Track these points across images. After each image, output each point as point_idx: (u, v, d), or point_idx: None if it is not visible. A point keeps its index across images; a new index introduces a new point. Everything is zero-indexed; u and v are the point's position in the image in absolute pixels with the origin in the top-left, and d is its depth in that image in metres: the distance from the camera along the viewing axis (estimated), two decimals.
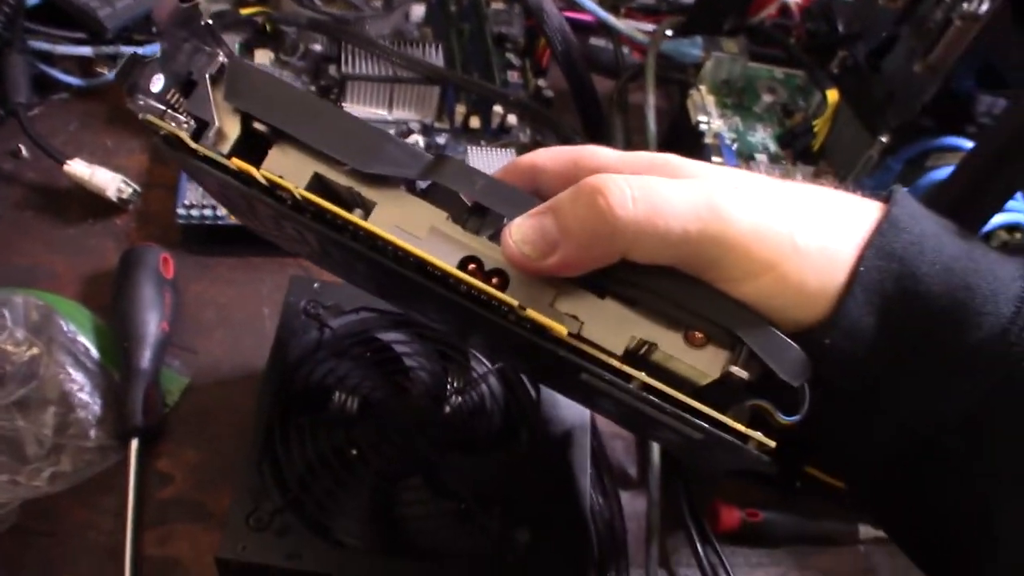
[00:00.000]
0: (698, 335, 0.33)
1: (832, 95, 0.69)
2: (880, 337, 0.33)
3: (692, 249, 0.32)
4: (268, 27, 0.76)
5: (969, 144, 0.63)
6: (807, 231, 0.33)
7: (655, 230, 0.32)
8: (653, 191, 0.32)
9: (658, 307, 0.33)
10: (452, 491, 0.52)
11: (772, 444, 0.32)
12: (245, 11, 0.75)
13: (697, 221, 0.32)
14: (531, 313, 0.32)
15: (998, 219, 0.59)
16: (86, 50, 0.75)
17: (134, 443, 0.57)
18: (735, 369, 0.32)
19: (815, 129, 0.70)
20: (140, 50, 0.75)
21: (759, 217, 0.33)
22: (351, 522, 0.49)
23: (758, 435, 0.32)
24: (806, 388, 0.33)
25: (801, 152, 0.72)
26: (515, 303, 0.32)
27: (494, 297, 0.32)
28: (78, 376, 0.58)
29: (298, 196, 0.33)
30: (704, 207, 0.32)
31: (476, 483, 0.52)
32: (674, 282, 0.33)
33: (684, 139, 0.75)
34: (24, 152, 0.71)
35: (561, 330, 0.32)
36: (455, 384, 0.55)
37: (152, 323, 0.60)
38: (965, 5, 0.56)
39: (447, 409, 0.54)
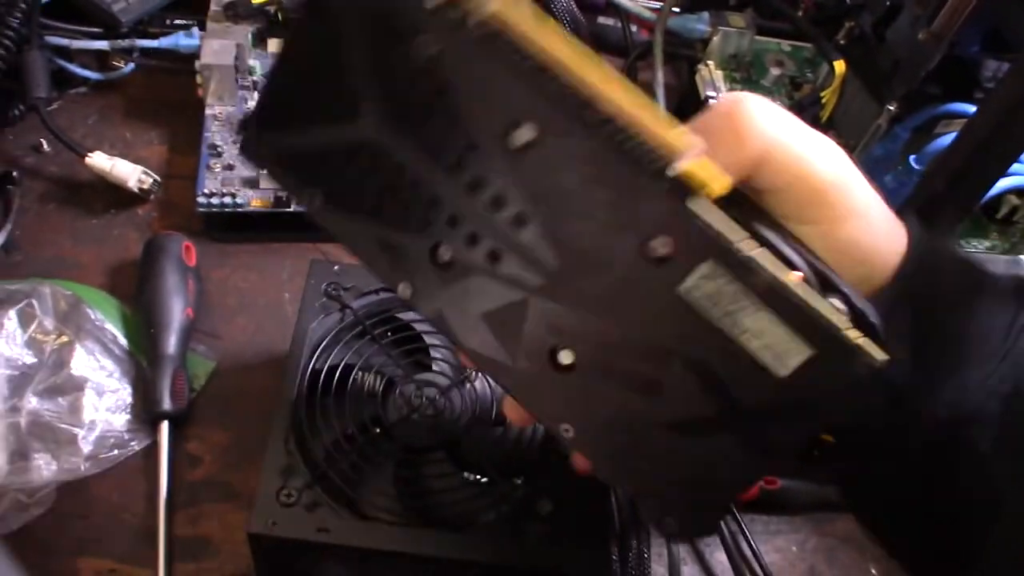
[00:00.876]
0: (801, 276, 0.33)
1: (839, 66, 0.70)
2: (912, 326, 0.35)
3: (815, 180, 0.33)
4: (281, 16, 0.77)
5: (971, 108, 0.63)
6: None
7: (790, 148, 0.33)
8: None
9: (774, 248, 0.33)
10: (475, 464, 0.53)
11: (885, 356, 0.31)
12: (257, 1, 0.76)
13: (821, 150, 0.34)
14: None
15: (1005, 183, 0.59)
16: (102, 44, 0.76)
17: (164, 427, 0.58)
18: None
19: (823, 100, 0.70)
20: (154, 43, 0.76)
21: (852, 168, 0.35)
22: (377, 496, 0.51)
23: (871, 345, 0.31)
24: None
25: (810, 123, 0.72)
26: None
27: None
28: (107, 363, 0.59)
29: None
30: (824, 141, 0.34)
31: (498, 456, 0.53)
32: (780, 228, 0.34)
33: (694, 115, 0.76)
34: (46, 146, 0.73)
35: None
36: None
37: (177, 310, 0.61)
38: None
39: (468, 384, 0.55)
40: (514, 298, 0.34)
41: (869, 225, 0.34)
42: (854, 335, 0.30)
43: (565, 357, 0.34)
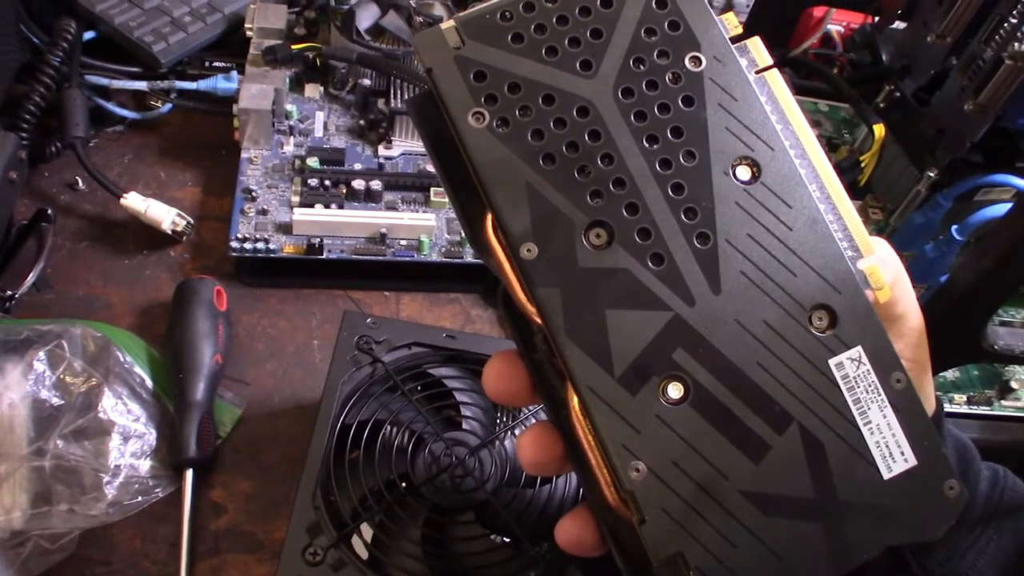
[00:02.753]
0: None
1: (879, 130, 0.69)
2: None
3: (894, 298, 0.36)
4: (319, 62, 0.78)
5: (1019, 181, 0.62)
6: None
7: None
8: None
9: None
10: (503, 526, 0.52)
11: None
12: (296, 46, 0.76)
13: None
14: None
15: None
16: (141, 84, 0.76)
17: (188, 474, 0.58)
18: None
19: (863, 163, 0.70)
20: (192, 85, 0.76)
21: None
22: (404, 557, 0.50)
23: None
24: None
25: (848, 186, 0.72)
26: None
27: None
28: (134, 407, 0.59)
29: None
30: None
31: (527, 518, 0.52)
32: None
33: None
34: (80, 184, 0.73)
35: None
36: (505, 419, 0.56)
37: (206, 355, 0.61)
38: (1016, 45, 0.56)
39: (497, 444, 0.54)
40: (655, 308, 0.33)
41: (914, 373, 0.35)
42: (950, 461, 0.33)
43: (675, 390, 0.32)
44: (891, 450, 0.32)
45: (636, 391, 0.32)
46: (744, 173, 0.33)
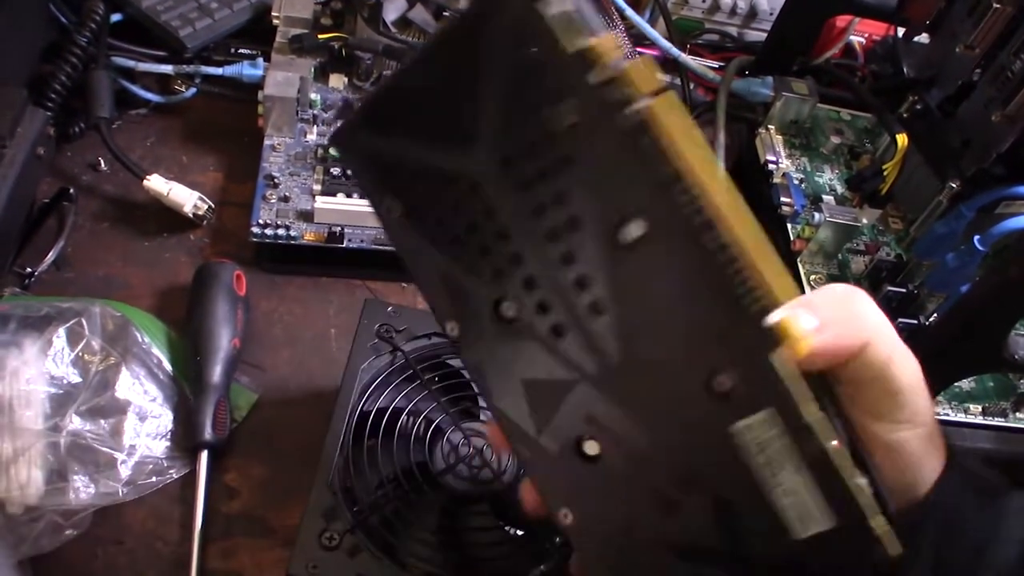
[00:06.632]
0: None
1: (902, 139, 0.69)
2: None
3: (898, 381, 0.34)
4: (344, 52, 0.78)
5: None
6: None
7: (887, 344, 0.33)
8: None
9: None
10: (518, 518, 0.52)
11: (900, 550, 0.31)
12: (322, 36, 0.77)
13: (908, 354, 0.34)
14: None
15: None
16: (167, 68, 0.76)
17: (203, 456, 0.58)
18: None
19: (885, 173, 0.70)
20: (218, 70, 0.77)
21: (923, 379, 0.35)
22: (419, 545, 0.50)
23: (891, 538, 0.31)
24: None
25: (869, 195, 0.72)
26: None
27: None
28: (151, 387, 0.59)
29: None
30: (906, 347, 0.34)
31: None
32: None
33: (750, 177, 0.75)
34: (103, 165, 0.73)
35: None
36: None
37: (224, 339, 0.61)
38: None
39: None
40: (562, 376, 0.34)
41: (922, 437, 0.35)
42: (881, 523, 0.31)
43: (591, 448, 0.35)
44: (806, 512, 0.31)
45: (556, 448, 0.35)
46: (633, 231, 0.31)
